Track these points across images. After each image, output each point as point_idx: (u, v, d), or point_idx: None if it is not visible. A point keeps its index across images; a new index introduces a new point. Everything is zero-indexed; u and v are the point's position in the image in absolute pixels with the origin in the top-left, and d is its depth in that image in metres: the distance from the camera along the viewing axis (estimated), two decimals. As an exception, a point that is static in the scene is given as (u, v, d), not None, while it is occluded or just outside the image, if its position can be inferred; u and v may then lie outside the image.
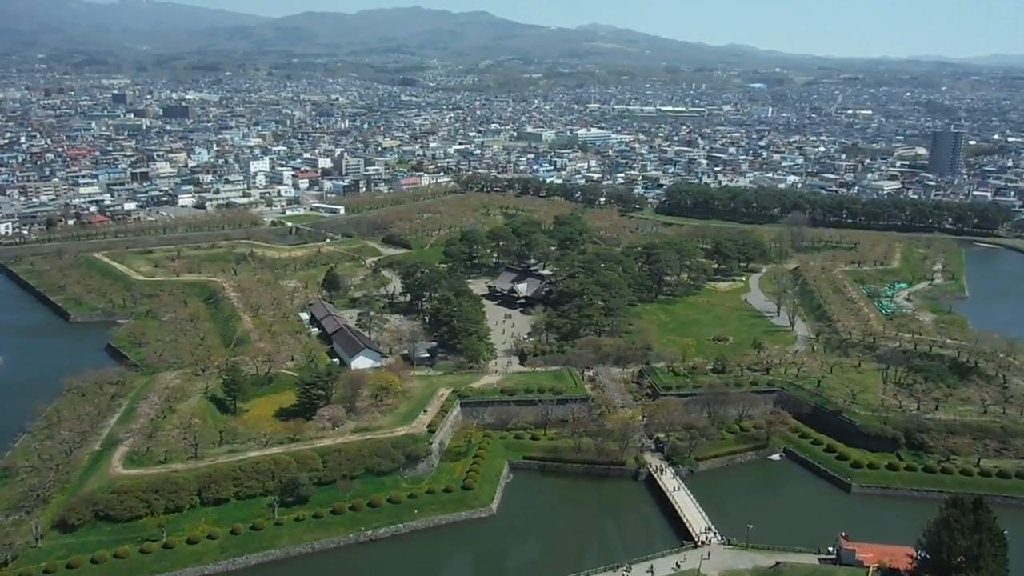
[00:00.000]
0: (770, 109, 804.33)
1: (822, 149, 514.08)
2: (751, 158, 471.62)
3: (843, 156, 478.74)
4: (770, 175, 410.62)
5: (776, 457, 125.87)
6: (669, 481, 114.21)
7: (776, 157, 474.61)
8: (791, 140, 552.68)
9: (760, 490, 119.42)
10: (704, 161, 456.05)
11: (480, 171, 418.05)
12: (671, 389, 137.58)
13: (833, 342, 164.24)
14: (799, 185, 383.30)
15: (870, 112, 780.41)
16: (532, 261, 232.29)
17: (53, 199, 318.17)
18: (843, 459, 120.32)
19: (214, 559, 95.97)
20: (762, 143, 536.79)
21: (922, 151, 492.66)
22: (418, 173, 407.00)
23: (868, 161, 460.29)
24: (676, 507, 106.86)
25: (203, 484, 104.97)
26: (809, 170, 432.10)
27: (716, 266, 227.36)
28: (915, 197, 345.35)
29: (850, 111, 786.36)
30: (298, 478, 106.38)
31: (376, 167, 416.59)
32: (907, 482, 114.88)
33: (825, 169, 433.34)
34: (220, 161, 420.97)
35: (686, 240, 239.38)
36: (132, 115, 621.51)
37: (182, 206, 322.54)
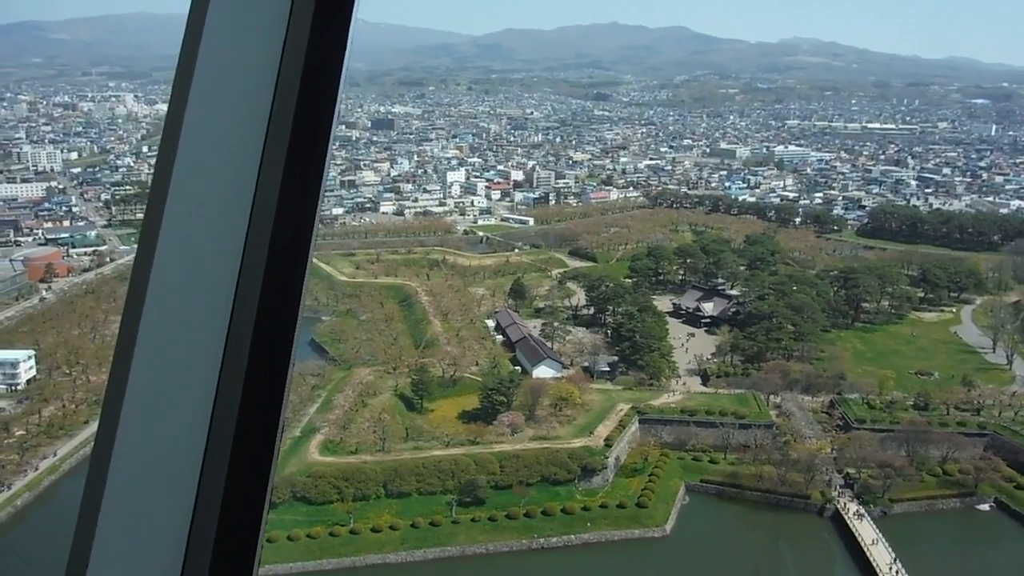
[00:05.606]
0: (994, 127, 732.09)
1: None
2: (969, 180, 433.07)
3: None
4: (990, 198, 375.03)
5: (985, 507, 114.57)
6: (860, 522, 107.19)
7: (999, 179, 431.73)
8: (1018, 161, 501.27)
9: (964, 542, 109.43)
10: (914, 182, 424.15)
11: (670, 187, 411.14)
12: (865, 423, 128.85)
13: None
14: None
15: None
16: (720, 280, 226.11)
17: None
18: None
19: (395, 549, 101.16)
20: (983, 163, 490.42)
21: None
22: (607, 187, 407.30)
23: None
24: (865, 550, 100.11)
25: (388, 477, 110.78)
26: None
27: (922, 295, 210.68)
28: None
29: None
30: (476, 480, 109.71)
31: (566, 180, 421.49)
32: None
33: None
34: (419, 171, 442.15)
35: (889, 265, 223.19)
36: (343, 127, 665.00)
37: (383, 213, 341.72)
